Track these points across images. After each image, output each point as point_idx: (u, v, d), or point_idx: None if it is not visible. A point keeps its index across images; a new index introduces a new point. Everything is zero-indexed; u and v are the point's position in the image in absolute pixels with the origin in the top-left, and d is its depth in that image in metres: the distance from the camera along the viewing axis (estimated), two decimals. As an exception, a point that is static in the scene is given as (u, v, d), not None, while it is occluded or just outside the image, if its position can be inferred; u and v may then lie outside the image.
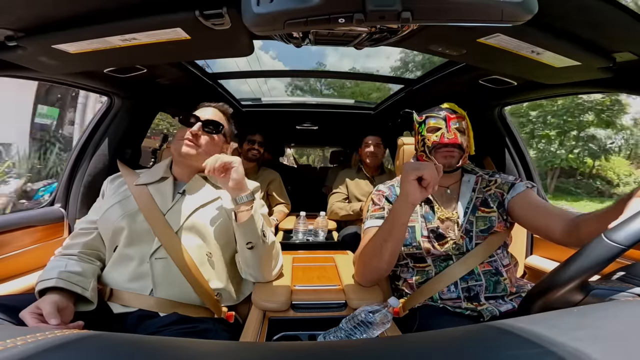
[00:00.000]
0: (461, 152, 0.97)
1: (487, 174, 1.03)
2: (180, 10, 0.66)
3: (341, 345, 0.31)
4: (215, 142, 0.96)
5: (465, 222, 0.93)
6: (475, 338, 0.28)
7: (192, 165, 0.95)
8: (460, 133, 0.96)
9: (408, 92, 1.75)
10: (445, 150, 0.96)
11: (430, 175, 0.75)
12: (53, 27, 0.71)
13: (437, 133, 0.96)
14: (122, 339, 0.30)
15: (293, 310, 0.86)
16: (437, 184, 0.76)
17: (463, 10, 0.50)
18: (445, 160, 0.96)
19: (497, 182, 0.99)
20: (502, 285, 0.89)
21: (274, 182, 2.17)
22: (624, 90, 1.02)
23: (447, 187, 1.01)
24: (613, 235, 0.46)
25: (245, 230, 0.84)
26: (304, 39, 0.87)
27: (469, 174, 1.03)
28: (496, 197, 0.96)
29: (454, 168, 0.99)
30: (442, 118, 0.97)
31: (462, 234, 0.92)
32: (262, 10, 0.50)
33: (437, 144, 0.96)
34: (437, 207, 0.97)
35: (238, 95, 2.19)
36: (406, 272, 0.98)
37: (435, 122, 0.97)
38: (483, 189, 0.99)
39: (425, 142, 0.99)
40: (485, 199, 0.96)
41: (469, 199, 0.97)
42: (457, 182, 1.02)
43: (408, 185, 0.76)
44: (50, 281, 0.75)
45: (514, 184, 0.96)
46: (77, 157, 1.37)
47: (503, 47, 0.78)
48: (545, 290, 0.51)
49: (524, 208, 0.92)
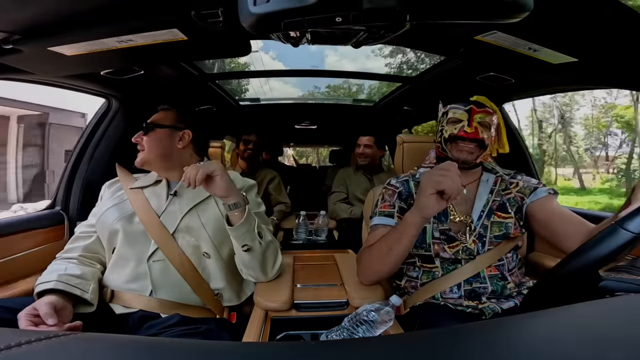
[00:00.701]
0: (481, 149, 0.90)
1: (508, 174, 0.97)
2: (176, 11, 0.66)
3: (344, 344, 0.31)
4: (158, 135, 0.94)
5: (479, 227, 0.89)
6: (478, 335, 0.27)
7: (159, 167, 0.96)
8: (483, 127, 0.89)
9: (406, 90, 1.75)
10: (463, 144, 0.90)
11: (452, 188, 0.68)
12: (49, 30, 0.71)
13: (457, 125, 0.90)
14: (124, 340, 0.29)
15: (295, 310, 0.86)
16: (458, 195, 0.69)
17: (460, 7, 0.50)
18: (461, 154, 0.89)
19: (518, 185, 0.93)
20: (508, 289, 0.87)
21: (273, 181, 2.17)
22: (619, 86, 1.02)
23: (464, 186, 0.92)
24: (626, 224, 0.46)
25: (239, 233, 0.82)
26: (301, 38, 0.87)
27: (488, 173, 0.97)
28: (515, 202, 0.91)
29: (470, 165, 0.92)
30: (466, 110, 0.91)
31: (474, 239, 0.88)
32: (259, 10, 0.50)
33: (454, 136, 0.90)
34: (451, 209, 0.92)
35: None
36: (412, 270, 0.96)
37: (459, 114, 0.91)
38: (502, 192, 0.93)
39: (442, 134, 0.94)
40: (503, 203, 0.91)
41: (485, 202, 0.92)
42: (476, 181, 0.96)
43: (425, 199, 0.71)
44: (50, 283, 0.76)
45: (537, 188, 0.91)
46: (76, 160, 1.37)
47: (500, 44, 0.78)
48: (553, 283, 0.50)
49: (544, 215, 0.87)
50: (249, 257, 0.86)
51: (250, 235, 0.83)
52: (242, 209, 0.82)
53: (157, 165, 0.95)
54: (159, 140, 0.94)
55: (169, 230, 0.86)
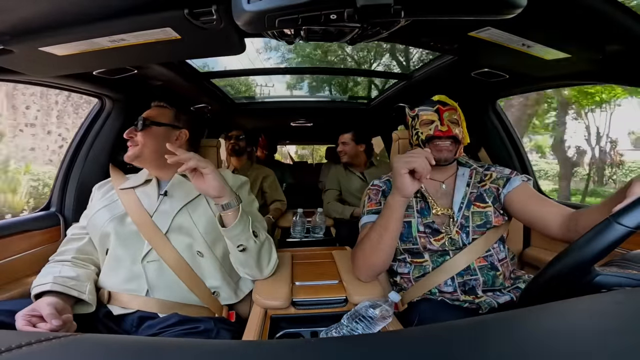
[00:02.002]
0: (456, 144, 0.96)
1: (481, 166, 1.03)
2: (169, 10, 0.65)
3: (344, 341, 0.32)
4: (154, 132, 0.93)
5: (460, 218, 0.93)
6: (476, 330, 0.28)
7: (151, 164, 0.95)
8: (453, 124, 0.95)
9: (401, 86, 1.75)
10: (440, 142, 0.95)
11: (421, 166, 0.75)
12: (39, 30, 0.70)
13: (430, 126, 0.96)
14: (124, 340, 0.29)
15: (294, 308, 0.87)
16: (429, 173, 0.76)
17: (454, 4, 0.50)
18: (441, 154, 0.94)
19: (492, 176, 0.98)
20: (500, 279, 0.90)
21: (268, 179, 2.17)
22: (614, 81, 1.03)
23: (443, 181, 1.01)
24: (620, 218, 0.46)
25: (233, 234, 0.82)
26: (295, 36, 0.86)
27: (463, 167, 1.03)
28: (491, 192, 0.96)
29: (450, 162, 0.98)
30: (434, 111, 0.97)
31: (457, 229, 0.92)
32: (253, 8, 0.50)
33: (432, 137, 0.95)
34: (432, 203, 0.97)
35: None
36: (403, 266, 0.98)
37: (429, 115, 0.97)
38: (478, 184, 0.98)
39: (419, 136, 0.99)
40: (481, 194, 0.96)
41: (463, 194, 0.97)
42: (453, 176, 1.02)
43: (400, 179, 0.77)
44: (46, 285, 0.75)
45: (510, 178, 0.96)
46: (70, 161, 1.35)
47: (494, 40, 0.79)
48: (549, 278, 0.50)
49: (521, 202, 0.91)
50: (245, 257, 0.86)
51: (245, 235, 0.83)
52: (236, 208, 0.81)
53: (149, 161, 0.94)
54: (155, 137, 0.93)
55: (162, 230, 0.86)
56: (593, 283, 0.48)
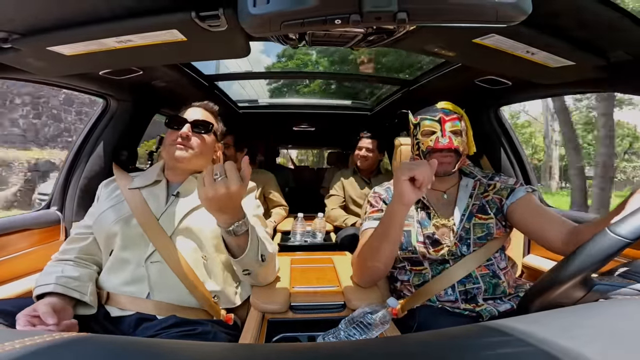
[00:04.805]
0: (457, 156, 0.94)
1: (485, 176, 1.01)
2: (176, 12, 0.66)
3: (341, 346, 0.31)
4: (207, 142, 0.95)
5: (460, 229, 0.92)
6: (474, 338, 0.27)
7: (187, 168, 0.95)
8: (455, 135, 0.93)
9: (404, 92, 1.76)
10: (440, 155, 0.93)
11: (423, 175, 0.74)
12: (47, 29, 0.71)
13: (431, 137, 0.94)
14: (120, 341, 0.29)
15: (292, 312, 0.86)
16: (430, 183, 0.75)
17: (458, 11, 0.50)
18: (440, 167, 0.90)
19: (495, 186, 0.97)
20: (501, 287, 0.89)
21: (269, 184, 2.17)
22: (617, 90, 1.03)
23: (444, 191, 0.99)
24: (617, 229, 0.46)
25: (241, 264, 0.79)
26: (300, 40, 0.87)
27: (467, 178, 1.01)
28: (494, 203, 0.94)
29: (449, 174, 0.96)
30: (437, 120, 0.94)
31: (456, 241, 0.91)
32: (259, 12, 0.50)
33: (432, 149, 0.93)
34: (434, 213, 0.96)
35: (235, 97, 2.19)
36: (403, 274, 0.97)
37: (430, 125, 0.94)
38: (480, 195, 0.96)
39: (420, 147, 0.97)
40: (483, 206, 0.94)
41: (465, 206, 0.95)
42: (455, 186, 1.00)
43: (401, 186, 0.76)
44: (49, 286, 0.75)
45: (514, 189, 0.94)
46: (73, 160, 1.36)
47: (498, 47, 0.79)
48: (548, 286, 0.50)
49: (523, 214, 0.90)
50: (250, 278, 0.86)
51: (253, 260, 0.79)
52: (244, 234, 0.75)
53: (189, 168, 0.95)
54: (207, 146, 0.96)
55: (167, 232, 0.86)
56: (591, 292, 0.48)
